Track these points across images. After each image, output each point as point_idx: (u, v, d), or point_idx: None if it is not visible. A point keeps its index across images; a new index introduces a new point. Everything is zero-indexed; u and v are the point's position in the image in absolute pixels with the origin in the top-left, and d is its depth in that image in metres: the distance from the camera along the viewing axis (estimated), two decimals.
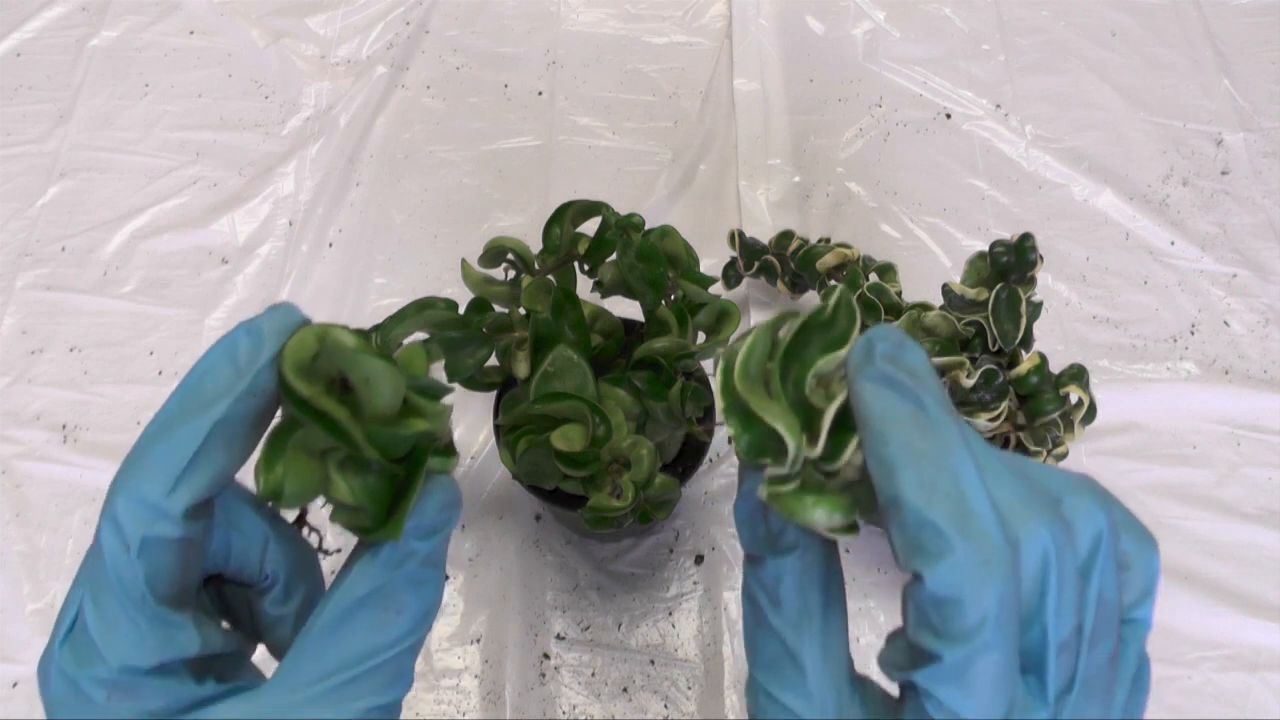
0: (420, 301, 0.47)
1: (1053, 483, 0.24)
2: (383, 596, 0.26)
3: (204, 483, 0.25)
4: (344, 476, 0.26)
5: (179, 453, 0.24)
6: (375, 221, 0.73)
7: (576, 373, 0.45)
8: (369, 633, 0.26)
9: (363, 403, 0.25)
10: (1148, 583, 0.25)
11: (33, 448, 0.63)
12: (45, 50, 0.81)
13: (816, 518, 0.24)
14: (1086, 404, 0.49)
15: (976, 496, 0.21)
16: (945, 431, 0.22)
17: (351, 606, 0.26)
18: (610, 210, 0.48)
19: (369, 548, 0.27)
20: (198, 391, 0.25)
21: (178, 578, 0.25)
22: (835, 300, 0.26)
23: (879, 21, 0.82)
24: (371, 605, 0.26)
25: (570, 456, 0.43)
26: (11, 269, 0.70)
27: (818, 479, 0.25)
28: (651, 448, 0.45)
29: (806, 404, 0.25)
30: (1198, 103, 0.78)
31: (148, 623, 0.24)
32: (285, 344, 0.25)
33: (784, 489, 0.25)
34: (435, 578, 0.27)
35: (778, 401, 0.25)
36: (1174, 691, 0.56)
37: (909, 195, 0.73)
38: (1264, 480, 0.62)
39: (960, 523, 0.21)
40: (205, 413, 0.25)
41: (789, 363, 0.26)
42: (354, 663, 0.25)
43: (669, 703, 0.56)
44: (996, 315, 0.49)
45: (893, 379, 0.23)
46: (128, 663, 0.24)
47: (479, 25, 0.82)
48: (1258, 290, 0.69)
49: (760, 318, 0.67)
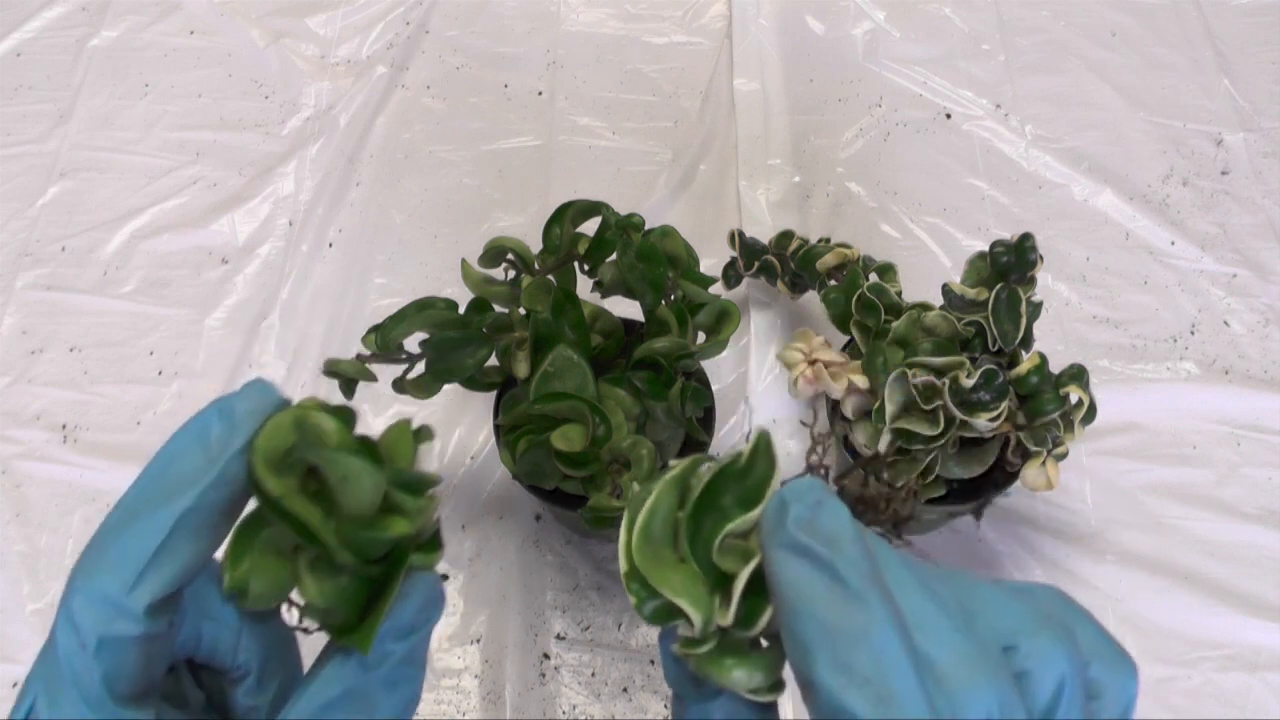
0: (420, 301, 0.47)
1: (1006, 624, 0.22)
2: (355, 699, 0.24)
3: (169, 577, 0.23)
4: (314, 577, 0.24)
5: (142, 546, 0.23)
6: (375, 221, 0.73)
7: (576, 373, 0.45)
8: None
9: (338, 501, 0.23)
10: (1123, 709, 0.23)
11: (33, 448, 0.63)
12: (45, 50, 0.81)
13: (735, 679, 0.23)
14: (1086, 404, 0.49)
15: (900, 675, 0.19)
16: (865, 604, 0.20)
17: (321, 707, 0.24)
18: (610, 210, 0.48)
19: (341, 648, 0.25)
20: (164, 478, 0.24)
21: (140, 674, 0.23)
22: (754, 444, 0.24)
23: (879, 21, 0.82)
24: (343, 707, 0.24)
25: (570, 456, 0.43)
26: (11, 269, 0.70)
27: (737, 638, 0.23)
28: (652, 447, 0.45)
29: (717, 567, 0.23)
30: (1198, 103, 0.78)
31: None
32: (259, 430, 0.24)
33: (698, 651, 0.23)
34: (414, 675, 0.26)
35: (685, 567, 0.23)
36: (1174, 691, 0.56)
37: (909, 195, 0.73)
38: (1264, 480, 0.62)
39: (879, 707, 0.19)
40: (171, 503, 0.23)
41: (701, 516, 0.24)
42: None
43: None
44: (996, 315, 0.49)
45: (807, 548, 0.21)
46: None
47: (479, 25, 0.82)
48: (1258, 290, 0.69)
49: (760, 318, 0.67)
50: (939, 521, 0.59)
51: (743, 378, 0.66)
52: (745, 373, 0.66)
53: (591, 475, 0.45)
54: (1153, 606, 0.58)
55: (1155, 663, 0.56)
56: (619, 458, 0.45)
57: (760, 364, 0.66)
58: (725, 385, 0.65)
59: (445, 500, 0.62)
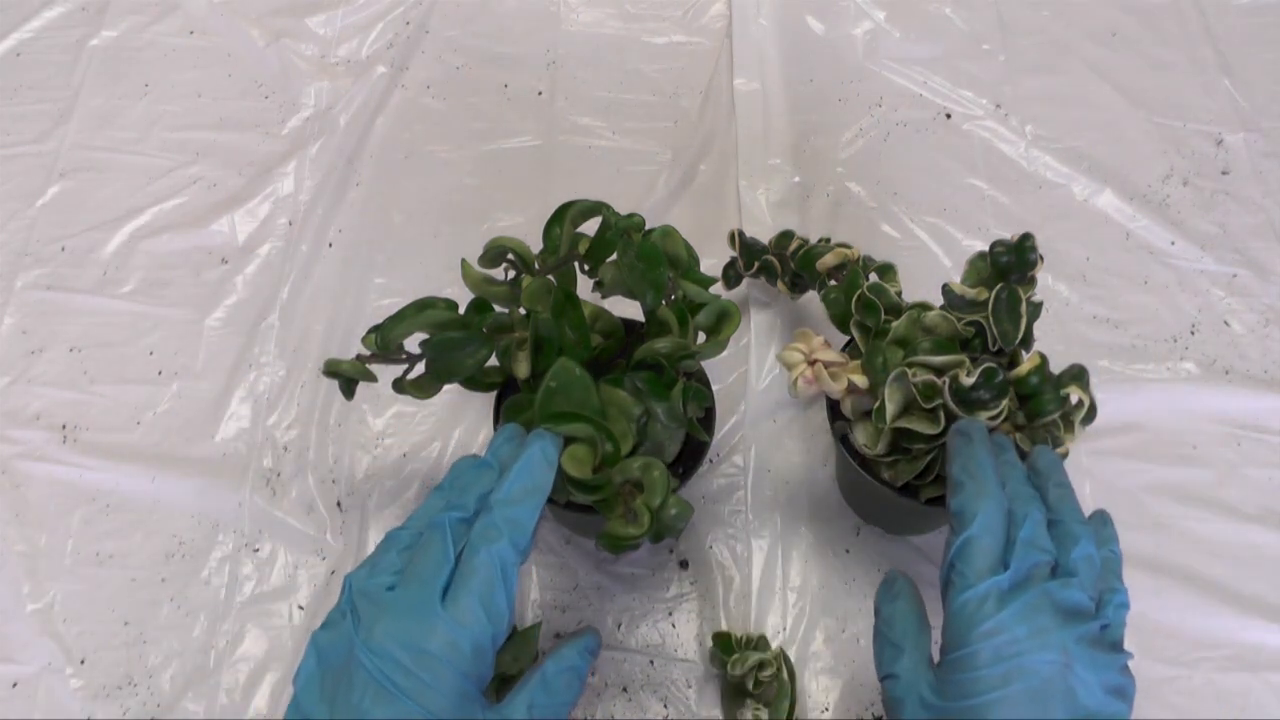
0: (420, 301, 0.47)
1: (1019, 490, 0.45)
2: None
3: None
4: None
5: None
6: (375, 221, 0.73)
7: (579, 387, 0.45)
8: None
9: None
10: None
11: (32, 448, 0.63)
12: (45, 50, 0.81)
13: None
14: (1087, 404, 0.49)
15: (989, 478, 0.44)
16: (981, 455, 0.46)
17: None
18: (611, 210, 0.48)
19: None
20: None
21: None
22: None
23: (879, 21, 0.82)
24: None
25: (582, 482, 0.43)
26: (11, 269, 0.70)
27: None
28: (664, 469, 0.45)
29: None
30: (1198, 103, 0.78)
31: None
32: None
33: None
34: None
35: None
36: (1174, 691, 0.56)
37: (909, 195, 0.73)
38: (1264, 480, 0.62)
39: (977, 483, 0.43)
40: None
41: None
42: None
43: (669, 702, 0.56)
44: (996, 315, 0.49)
45: (965, 431, 0.48)
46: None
47: (479, 25, 0.82)
48: (1258, 290, 0.69)
49: (760, 318, 0.67)
50: (939, 521, 0.59)
51: (743, 378, 0.66)
52: (745, 373, 0.66)
53: (604, 499, 0.45)
54: (1153, 606, 0.58)
55: (1155, 663, 0.56)
56: (630, 479, 0.45)
57: (760, 364, 0.66)
58: (725, 385, 0.65)
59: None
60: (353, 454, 0.63)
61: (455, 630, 0.38)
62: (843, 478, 0.61)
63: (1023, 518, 0.42)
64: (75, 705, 0.55)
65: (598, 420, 0.44)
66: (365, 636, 0.38)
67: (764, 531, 0.60)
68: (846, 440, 0.53)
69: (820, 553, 0.60)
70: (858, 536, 0.61)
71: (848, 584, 0.59)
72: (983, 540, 0.41)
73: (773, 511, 0.61)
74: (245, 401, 0.65)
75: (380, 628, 0.38)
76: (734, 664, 0.53)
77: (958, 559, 0.41)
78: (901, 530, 0.60)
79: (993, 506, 0.42)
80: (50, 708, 0.56)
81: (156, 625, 0.58)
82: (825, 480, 0.62)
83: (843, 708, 0.56)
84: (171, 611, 0.58)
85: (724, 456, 0.63)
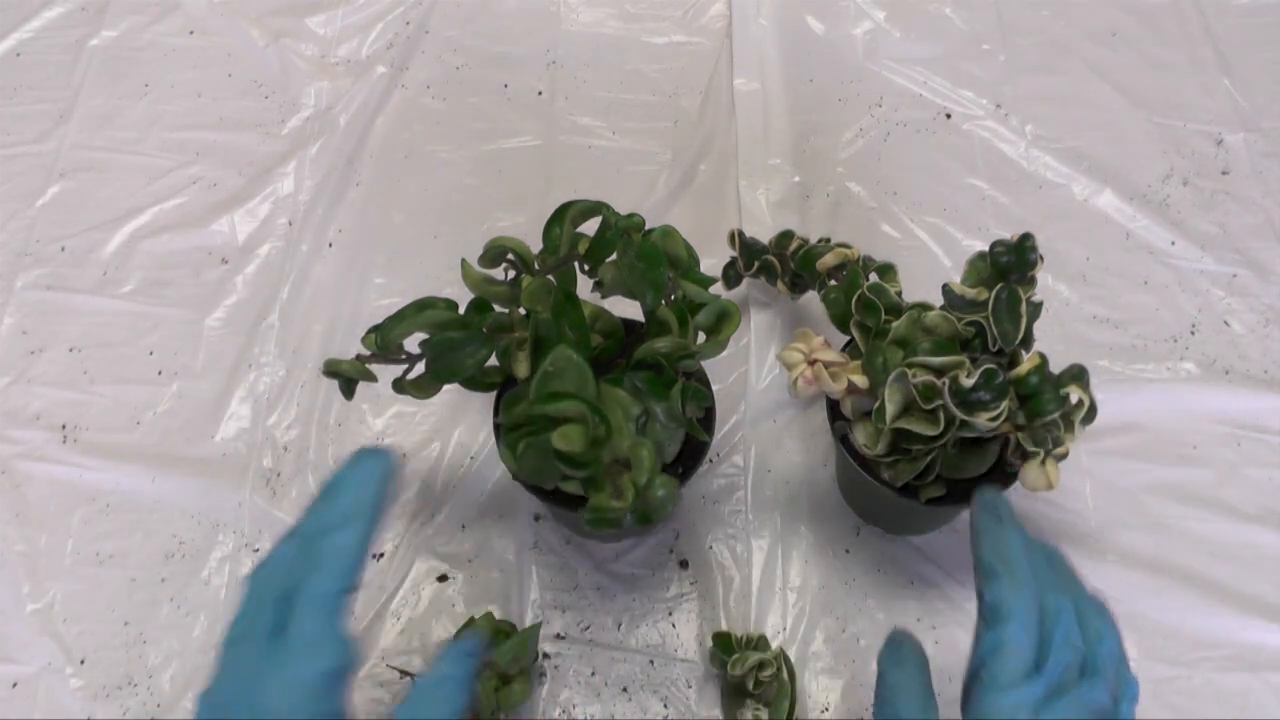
0: (420, 301, 0.47)
1: (1049, 580, 0.42)
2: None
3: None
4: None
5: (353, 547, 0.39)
6: (375, 221, 0.73)
7: (576, 372, 0.45)
8: None
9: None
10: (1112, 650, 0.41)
11: (32, 448, 0.63)
12: (45, 50, 0.81)
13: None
14: (1087, 404, 0.49)
15: (1021, 565, 0.41)
16: (1012, 539, 0.42)
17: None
18: (610, 210, 0.48)
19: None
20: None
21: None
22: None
23: (879, 21, 0.82)
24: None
25: (570, 457, 0.43)
26: (11, 269, 0.70)
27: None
28: (652, 448, 0.45)
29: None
30: (1198, 103, 0.78)
31: None
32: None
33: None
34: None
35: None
36: (1174, 691, 0.56)
37: (909, 195, 0.73)
38: (1264, 480, 0.62)
39: (1008, 569, 0.40)
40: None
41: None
42: None
43: (669, 702, 0.56)
44: (996, 315, 0.49)
45: (993, 507, 0.44)
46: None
47: (479, 25, 0.82)
48: (1258, 290, 0.69)
49: (760, 318, 0.67)
50: (939, 521, 0.59)
51: (743, 378, 0.66)
52: (745, 373, 0.66)
53: (592, 476, 0.45)
54: (1153, 607, 0.58)
55: (1155, 663, 0.56)
56: (619, 458, 0.45)
57: (760, 364, 0.66)
58: (725, 385, 0.65)
59: (445, 500, 0.62)
60: None
61: (284, 674, 0.35)
62: (843, 478, 0.61)
63: (1055, 610, 0.40)
64: (75, 705, 0.56)
65: (591, 401, 0.44)
66: (211, 699, 0.36)
67: (764, 531, 0.60)
68: (846, 440, 0.53)
69: (820, 553, 0.60)
70: (858, 536, 0.61)
71: (848, 584, 0.59)
72: (1020, 641, 0.38)
73: (773, 511, 0.61)
74: (245, 401, 0.65)
75: (217, 686, 0.36)
76: (734, 664, 0.53)
77: (991, 658, 0.39)
78: (901, 530, 0.60)
79: (1029, 603, 0.40)
80: (50, 708, 0.56)
81: (156, 625, 0.58)
82: (825, 480, 0.62)
83: (843, 708, 0.56)
84: (171, 611, 0.58)
85: (724, 456, 0.63)
